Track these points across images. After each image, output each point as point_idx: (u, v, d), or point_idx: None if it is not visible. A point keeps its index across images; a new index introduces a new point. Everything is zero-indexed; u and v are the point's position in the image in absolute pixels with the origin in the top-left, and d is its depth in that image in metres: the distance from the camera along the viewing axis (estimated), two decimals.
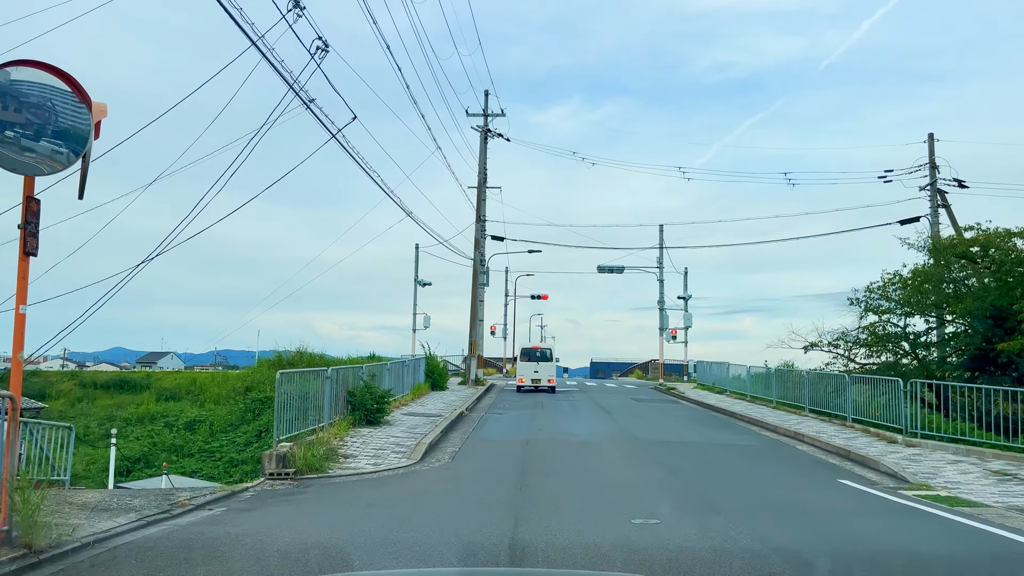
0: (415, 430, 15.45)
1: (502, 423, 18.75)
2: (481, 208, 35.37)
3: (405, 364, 23.41)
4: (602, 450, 13.99)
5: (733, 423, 20.17)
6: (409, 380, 23.94)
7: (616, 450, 14.04)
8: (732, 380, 30.10)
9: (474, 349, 33.15)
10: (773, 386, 24.69)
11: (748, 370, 27.78)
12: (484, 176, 36.41)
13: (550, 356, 30.74)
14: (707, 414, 23.18)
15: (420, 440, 14.01)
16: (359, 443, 13.59)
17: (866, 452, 13.78)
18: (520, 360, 30.79)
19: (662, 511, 8.37)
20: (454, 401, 23.22)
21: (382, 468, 11.52)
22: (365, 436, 14.40)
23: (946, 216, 27.55)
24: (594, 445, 14.57)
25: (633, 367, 66.80)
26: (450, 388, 28.98)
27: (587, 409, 22.96)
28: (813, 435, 16.25)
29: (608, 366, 77.29)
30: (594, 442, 14.99)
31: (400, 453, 12.72)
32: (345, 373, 15.65)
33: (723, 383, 31.45)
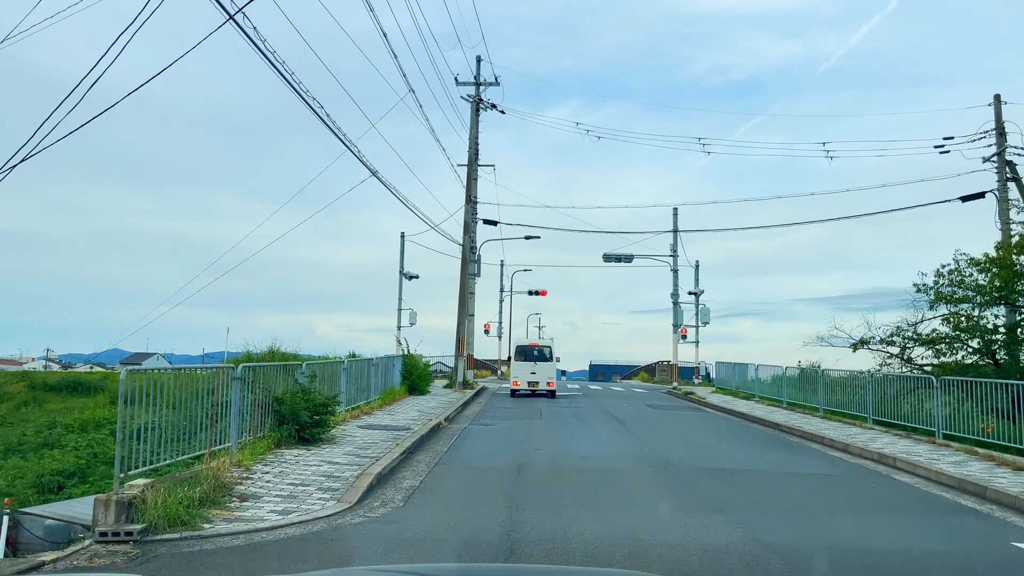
0: (365, 452, 11.17)
1: (488, 439, 14.50)
2: (472, 188, 31.14)
3: (373, 364, 19.13)
4: (628, 484, 9.72)
5: (784, 439, 15.90)
6: (378, 383, 19.67)
7: (647, 484, 9.78)
8: (761, 384, 25.87)
9: (462, 347, 28.88)
10: (820, 391, 20.45)
11: (784, 371, 23.54)
12: (475, 152, 32.18)
13: (549, 355, 26.47)
14: (744, 425, 18.91)
15: (365, 469, 9.74)
16: (274, 474, 9.32)
17: (1008, 489, 9.54)
18: (515, 360, 26.51)
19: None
20: (432, 409, 18.96)
21: (291, 520, 7.26)
22: (289, 462, 10.13)
23: (1016, 191, 23.34)
24: (615, 475, 10.30)
25: (637, 369, 62.55)
26: (432, 392, 24.71)
27: (596, 419, 18.69)
28: (906, 459, 12.00)
29: (608, 368, 72.91)
30: (615, 470, 10.72)
31: (328, 491, 8.45)
32: (268, 373, 11.37)
33: (749, 387, 27.22)
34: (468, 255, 30.16)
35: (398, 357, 23.40)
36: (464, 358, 29.12)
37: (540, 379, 25.89)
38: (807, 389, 21.92)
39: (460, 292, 29.59)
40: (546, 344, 26.90)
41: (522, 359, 26.39)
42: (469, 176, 30.97)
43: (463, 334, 29.29)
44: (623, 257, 32.81)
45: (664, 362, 51.01)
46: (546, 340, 27.08)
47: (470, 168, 31.09)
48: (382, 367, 20.28)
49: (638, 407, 22.97)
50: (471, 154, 31.34)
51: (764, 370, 26.10)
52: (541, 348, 26.82)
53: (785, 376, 23.32)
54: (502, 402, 23.80)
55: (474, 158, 32.01)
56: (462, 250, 30.09)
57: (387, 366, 21.35)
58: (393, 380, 22.21)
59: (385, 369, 20.67)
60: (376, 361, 19.40)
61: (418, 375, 23.52)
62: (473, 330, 32.63)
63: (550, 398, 25.70)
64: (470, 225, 30.58)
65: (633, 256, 32.94)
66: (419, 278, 39.34)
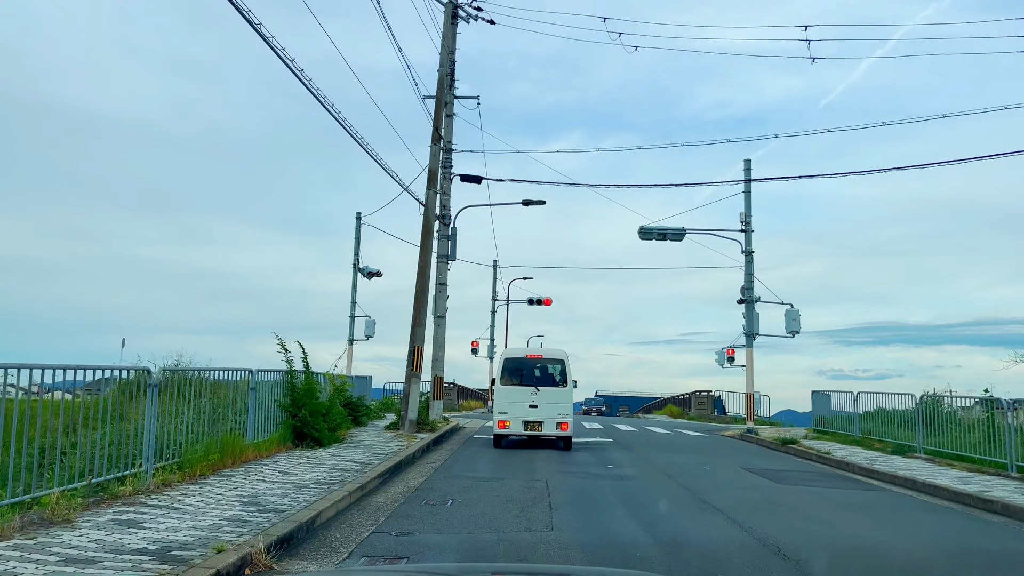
0: None
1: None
2: (441, 122, 20.42)
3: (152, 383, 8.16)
4: None
5: None
6: (200, 429, 8.74)
7: None
8: (949, 432, 14.88)
9: (419, 362, 17.86)
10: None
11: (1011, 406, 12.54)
12: (450, 73, 21.54)
13: (561, 376, 15.49)
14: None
15: None
16: None
17: None
18: (502, 382, 15.49)
19: None
20: (282, 494, 7.92)
21: None
22: None
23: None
24: None
25: (661, 401, 51.27)
26: (349, 442, 13.78)
27: (690, 522, 7.62)
28: None
29: (615, 400, 61.38)
30: None
31: None
32: None
33: (900, 435, 16.23)
34: (432, 219, 19.33)
35: (279, 378, 12.41)
36: (419, 382, 18.09)
37: (545, 416, 14.91)
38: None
39: (418, 280, 18.72)
40: (555, 357, 15.84)
41: (515, 381, 15.40)
42: (439, 105, 20.23)
43: (421, 341, 18.32)
44: (669, 233, 21.89)
45: (702, 392, 39.87)
46: (555, 351, 16.14)
47: (440, 94, 20.36)
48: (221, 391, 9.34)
49: (745, 480, 11.90)
50: (443, 75, 20.64)
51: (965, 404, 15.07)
52: (546, 364, 15.81)
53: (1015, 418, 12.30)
54: (474, 461, 12.80)
55: (448, 82, 21.33)
56: (423, 215, 19.27)
57: (235, 395, 10.42)
58: (266, 420, 11.36)
59: (237, 399, 9.71)
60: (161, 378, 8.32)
61: (318, 411, 12.50)
62: (444, 339, 21.67)
63: (562, 451, 14.73)
64: (436, 176, 19.81)
65: (684, 231, 22.02)
66: (382, 276, 28.77)
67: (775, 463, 14.07)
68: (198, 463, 8.65)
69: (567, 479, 10.53)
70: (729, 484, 10.70)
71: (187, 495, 7.50)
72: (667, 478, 11.00)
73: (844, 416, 19.29)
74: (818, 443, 17.50)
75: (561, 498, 8.83)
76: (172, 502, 7.10)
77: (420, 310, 18.40)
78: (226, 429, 9.93)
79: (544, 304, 38.54)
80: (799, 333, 22.06)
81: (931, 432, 15.22)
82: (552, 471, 11.41)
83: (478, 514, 7.77)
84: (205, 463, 8.79)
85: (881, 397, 18.42)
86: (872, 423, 18.03)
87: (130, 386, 8.21)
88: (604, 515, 7.84)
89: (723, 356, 36.33)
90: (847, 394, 18.79)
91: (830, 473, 12.92)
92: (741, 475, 11.88)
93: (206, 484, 8.18)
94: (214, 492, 7.77)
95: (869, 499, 10.03)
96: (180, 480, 8.16)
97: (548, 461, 12.79)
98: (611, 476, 11.00)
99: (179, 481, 8.11)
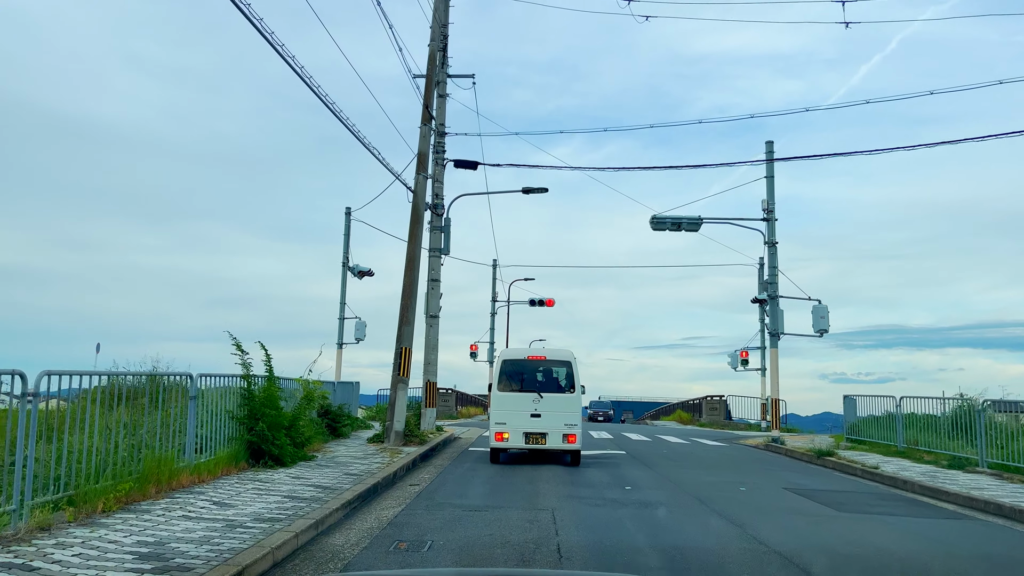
0: None
1: None
2: (433, 102, 18.46)
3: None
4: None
5: None
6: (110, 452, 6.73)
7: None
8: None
9: (406, 365, 15.86)
10: None
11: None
12: (442, 48, 19.60)
13: (567, 381, 13.45)
14: None
15: None
16: None
17: None
18: (499, 388, 13.46)
19: None
20: (202, 539, 5.87)
21: None
22: None
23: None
24: None
25: (668, 407, 49.21)
26: (325, 458, 11.78)
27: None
28: None
29: (619, 405, 59.18)
30: None
31: None
32: None
33: (951, 445, 14.22)
34: (422, 207, 17.35)
35: (233, 380, 10.41)
36: (407, 388, 16.08)
37: (549, 427, 12.89)
38: None
39: (406, 273, 16.73)
40: (560, 358, 13.78)
41: (514, 386, 13.38)
42: (429, 83, 18.26)
43: (410, 342, 16.31)
44: (684, 222, 19.85)
45: (713, 397, 37.82)
46: (560, 352, 14.07)
47: (431, 70, 18.40)
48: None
49: (795, 505, 9.87)
50: (433, 50, 18.67)
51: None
52: (551, 367, 13.78)
53: None
54: (466, 482, 10.78)
55: (440, 58, 19.40)
56: (412, 201, 17.31)
57: (168, 405, 8.43)
58: (215, 436, 9.38)
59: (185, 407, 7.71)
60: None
61: (279, 424, 10.49)
62: (437, 341, 19.67)
63: (569, 467, 12.71)
64: (427, 159, 17.83)
65: (701, 220, 19.98)
66: (373, 275, 26.91)
67: (819, 481, 12.03)
68: (101, 496, 6.65)
69: (578, 508, 8.51)
70: (779, 513, 8.68)
71: (64, 545, 5.49)
72: (700, 505, 8.97)
73: (882, 424, 17.27)
74: (857, 455, 15.48)
75: (573, 538, 6.82)
76: (33, 557, 5.10)
77: (408, 307, 16.40)
78: (159, 448, 7.93)
79: (547, 305, 36.51)
80: (827, 332, 20.00)
81: (989, 443, 13.26)
82: (559, 495, 9.40)
83: (463, 565, 5.77)
84: (113, 495, 6.79)
85: (923, 402, 16.51)
86: (917, 432, 16.04)
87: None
88: (633, 566, 5.83)
89: (736, 359, 34.34)
90: (887, 399, 16.78)
91: (889, 494, 10.87)
92: (788, 499, 9.85)
93: (102, 526, 6.17)
94: (106, 539, 5.76)
95: (959, 532, 8.00)
96: (70, 520, 6.16)
97: (554, 481, 10.78)
98: (631, 503, 8.98)
99: (68, 521, 6.11)
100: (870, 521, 8.27)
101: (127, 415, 7.49)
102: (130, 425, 7.56)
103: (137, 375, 8.17)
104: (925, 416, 15.96)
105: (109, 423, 7.18)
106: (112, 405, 7.36)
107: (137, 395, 7.91)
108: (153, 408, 8.16)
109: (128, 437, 7.48)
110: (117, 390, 7.49)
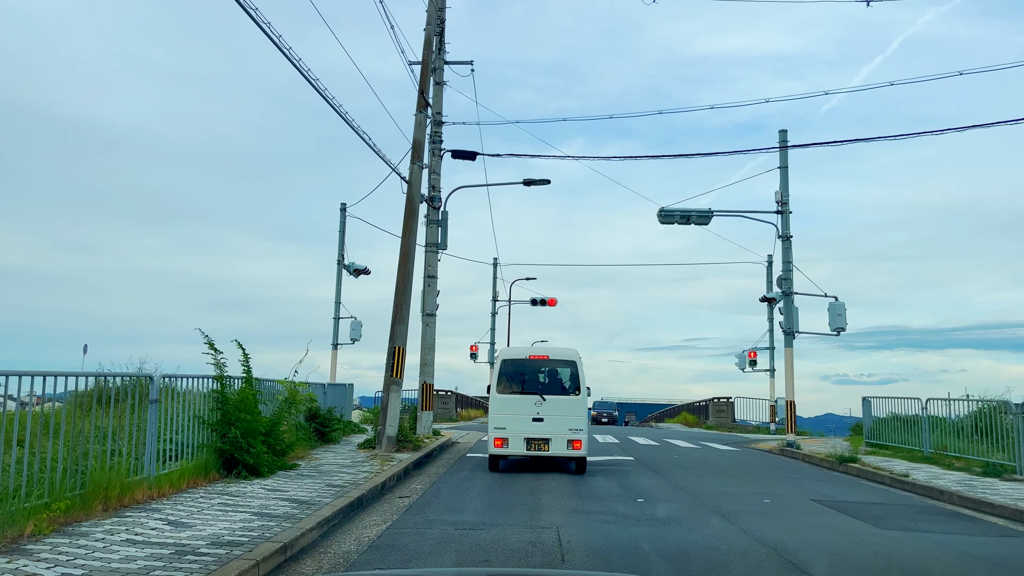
0: None
1: None
2: (428, 88, 17.48)
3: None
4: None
5: None
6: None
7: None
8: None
9: (400, 365, 14.87)
10: None
11: None
12: (439, 32, 18.67)
13: (572, 382, 12.44)
14: None
15: None
16: None
17: None
18: (498, 389, 12.45)
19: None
20: (141, 571, 4.88)
21: None
22: None
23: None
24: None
25: (673, 409, 48.19)
26: (309, 466, 10.80)
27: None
28: None
29: (621, 407, 58.08)
30: None
31: None
32: None
33: (982, 451, 13.24)
34: (416, 198, 16.37)
35: (204, 382, 9.45)
36: (400, 390, 15.10)
37: (553, 433, 11.89)
38: None
39: (400, 268, 15.75)
40: (564, 358, 12.75)
41: (515, 388, 12.40)
42: (425, 68, 17.29)
43: (403, 342, 15.32)
44: (694, 215, 18.85)
45: (720, 399, 36.82)
46: (564, 351, 13.04)
47: (427, 55, 17.42)
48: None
49: (828, 520, 8.88)
50: (430, 34, 17.69)
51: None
52: (554, 367, 12.79)
53: None
54: (462, 493, 9.79)
55: (436, 43, 18.46)
56: (407, 192, 16.33)
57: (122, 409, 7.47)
58: (183, 443, 8.43)
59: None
60: None
61: (254, 430, 9.52)
62: (434, 340, 18.70)
63: (575, 475, 11.74)
64: (422, 148, 16.85)
65: (711, 213, 18.98)
66: (369, 273, 26.06)
67: (847, 491, 11.03)
68: (30, 517, 5.69)
69: (586, 525, 7.53)
70: (812, 530, 7.69)
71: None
72: (724, 521, 7.98)
73: (906, 427, 16.28)
74: (881, 460, 14.48)
75: (581, 563, 5.85)
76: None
77: (402, 304, 15.42)
78: (109, 460, 6.97)
79: (549, 305, 35.51)
80: (844, 330, 19.00)
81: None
82: (564, 509, 8.42)
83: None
84: (46, 515, 5.83)
85: (950, 405, 15.56)
86: (942, 436, 15.06)
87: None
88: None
89: (744, 359, 33.37)
90: (912, 400, 15.77)
91: (926, 506, 9.88)
92: (819, 513, 8.86)
93: (25, 553, 5.20)
94: (22, 572, 4.79)
95: (1021, 551, 7.02)
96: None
97: (558, 492, 9.81)
98: (646, 519, 7.99)
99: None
100: (916, 540, 7.29)
101: (68, 422, 6.52)
102: (72, 434, 6.60)
103: (83, 376, 7.20)
104: (951, 420, 14.99)
105: (48, 431, 6.21)
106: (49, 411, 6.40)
107: (84, 400, 6.95)
108: (105, 414, 7.20)
109: (70, 448, 6.51)
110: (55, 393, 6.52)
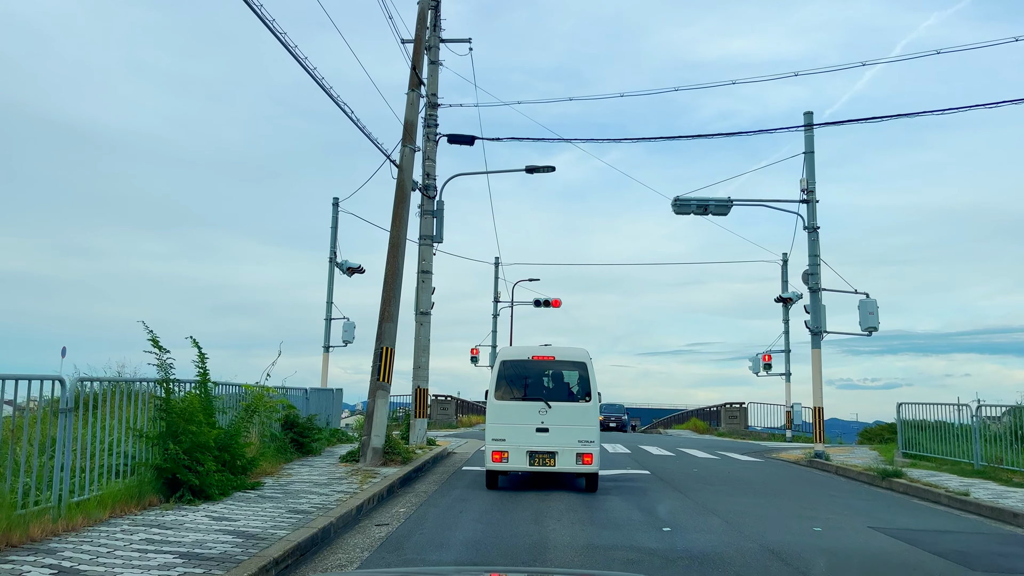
0: None
1: None
2: (422, 65, 15.98)
3: None
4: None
5: None
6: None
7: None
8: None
9: (388, 369, 13.30)
10: None
11: None
12: (434, 6, 17.17)
13: (581, 387, 10.85)
14: None
15: None
16: None
17: None
18: (497, 393, 10.89)
19: None
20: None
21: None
22: None
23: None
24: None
25: (682, 414, 46.59)
26: (276, 484, 9.23)
27: None
28: None
29: (629, 412, 56.46)
30: None
31: None
32: None
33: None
34: (408, 184, 14.84)
35: (145, 386, 7.92)
36: (387, 396, 13.55)
37: (560, 445, 10.30)
38: None
39: (388, 260, 14.22)
40: (572, 359, 11.13)
41: (516, 393, 10.81)
42: (418, 44, 15.80)
43: (392, 342, 13.75)
44: (712, 204, 17.28)
45: (733, 405, 35.20)
46: (572, 351, 11.44)
47: (420, 31, 15.93)
48: None
49: (906, 558, 7.26)
50: (423, 8, 16.18)
51: None
52: (560, 369, 11.21)
53: None
54: (452, 519, 8.21)
55: (431, 18, 16.96)
56: (398, 177, 14.80)
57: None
58: (111, 462, 6.86)
59: None
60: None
61: (203, 444, 7.97)
62: (428, 342, 17.15)
63: (584, 493, 10.16)
64: (414, 129, 15.31)
65: (730, 202, 17.41)
66: (364, 272, 24.73)
67: (904, 515, 9.42)
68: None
69: (605, 568, 5.97)
70: (891, 572, 6.11)
71: None
72: (777, 561, 6.39)
73: (948, 437, 14.68)
74: (928, 474, 12.88)
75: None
76: None
77: (391, 300, 13.88)
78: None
79: (553, 306, 33.97)
80: (876, 330, 17.38)
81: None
82: (575, 545, 6.85)
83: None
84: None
85: (997, 410, 14.05)
86: (991, 445, 13.49)
87: None
88: None
89: (759, 363, 31.66)
90: (963, 408, 14.16)
91: (1005, 535, 8.25)
92: (886, 545, 7.26)
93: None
94: None
95: None
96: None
97: (567, 519, 8.23)
98: (678, 556, 6.41)
99: None
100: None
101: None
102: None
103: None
104: (1002, 428, 13.42)
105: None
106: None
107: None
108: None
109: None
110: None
